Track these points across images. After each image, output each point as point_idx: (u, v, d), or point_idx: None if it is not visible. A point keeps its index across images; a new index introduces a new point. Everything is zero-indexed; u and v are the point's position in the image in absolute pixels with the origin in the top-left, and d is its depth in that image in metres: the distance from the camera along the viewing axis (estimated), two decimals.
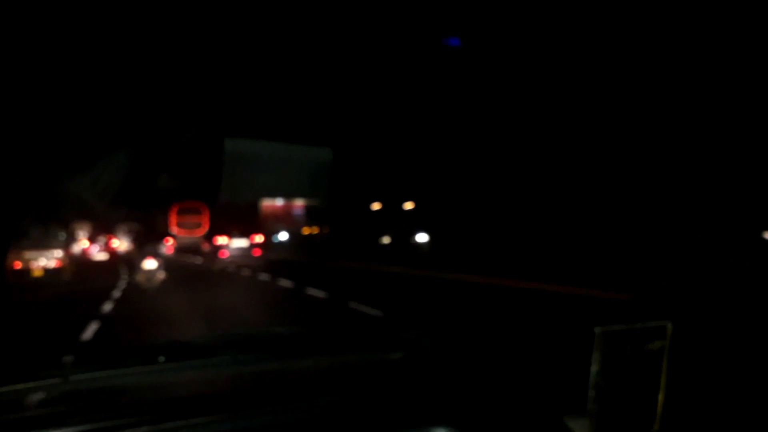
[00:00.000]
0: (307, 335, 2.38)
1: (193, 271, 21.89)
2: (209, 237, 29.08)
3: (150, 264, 15.75)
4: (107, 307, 11.03)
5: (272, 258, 27.43)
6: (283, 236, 43.95)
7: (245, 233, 25.78)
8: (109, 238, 41.76)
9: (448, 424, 1.43)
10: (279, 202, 46.73)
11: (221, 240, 25.81)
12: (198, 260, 28.47)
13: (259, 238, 25.54)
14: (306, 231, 45.74)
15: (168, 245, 34.30)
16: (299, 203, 47.80)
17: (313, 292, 13.36)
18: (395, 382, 1.72)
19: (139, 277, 15.73)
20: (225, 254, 24.73)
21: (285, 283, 16.23)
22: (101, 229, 43.19)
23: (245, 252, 25.12)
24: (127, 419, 1.39)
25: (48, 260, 19.96)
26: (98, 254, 35.40)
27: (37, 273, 19.45)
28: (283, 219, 45.99)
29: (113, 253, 36.98)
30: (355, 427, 1.44)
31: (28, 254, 19.74)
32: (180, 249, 33.91)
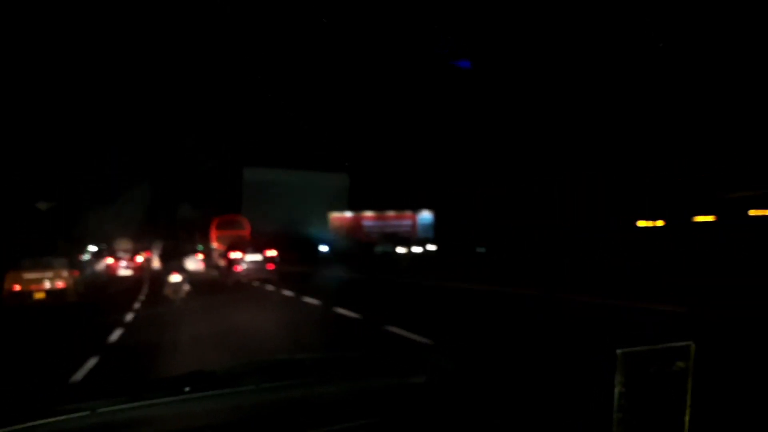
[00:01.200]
0: (329, 361, 2.38)
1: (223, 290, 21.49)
2: (225, 253, 29.18)
3: (175, 278, 17.52)
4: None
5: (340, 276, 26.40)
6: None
7: (260, 249, 26.36)
8: (135, 255, 41.58)
9: None
10: (347, 214, 44.22)
11: (234, 254, 26.18)
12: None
13: (271, 253, 26.04)
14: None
15: (198, 260, 32.65)
16: (369, 214, 45.50)
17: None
18: (417, 406, 1.71)
19: (166, 290, 17.15)
20: (239, 268, 25.08)
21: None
22: (140, 248, 43.12)
23: (259, 266, 25.09)
24: None
25: (52, 281, 17.72)
26: (123, 270, 35.08)
27: (39, 296, 17.41)
28: (354, 231, 43.91)
29: (139, 269, 36.81)
30: None
31: (28, 275, 17.57)
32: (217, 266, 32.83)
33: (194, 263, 31.42)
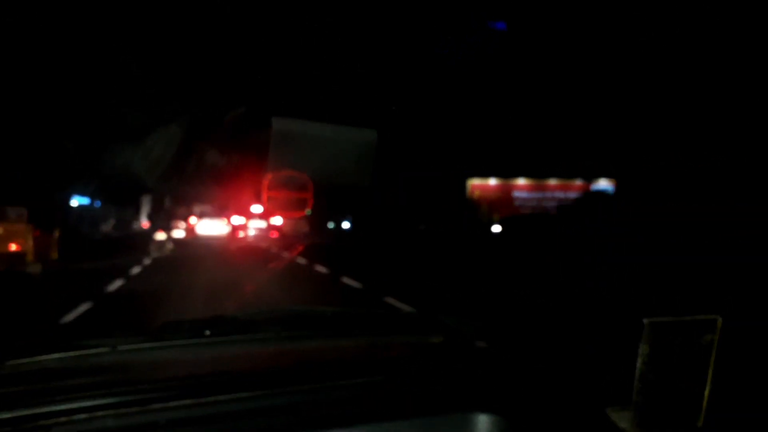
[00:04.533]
0: (348, 315, 2.40)
1: None
2: (228, 216, 26.63)
3: (161, 236, 18.79)
4: None
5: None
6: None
7: (265, 216, 24.07)
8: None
9: (490, 410, 1.42)
10: (492, 182, 34.92)
11: (237, 220, 24.29)
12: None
13: (276, 220, 23.99)
14: None
15: (222, 223, 26.28)
16: (523, 182, 34.98)
17: None
18: (436, 365, 1.72)
19: (151, 247, 18.16)
20: (241, 234, 23.40)
21: None
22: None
23: (263, 233, 23.66)
24: (171, 391, 1.42)
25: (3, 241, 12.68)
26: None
27: None
28: (500, 202, 34.43)
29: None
30: (394, 407, 1.44)
31: None
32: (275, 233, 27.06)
33: (217, 226, 27.36)
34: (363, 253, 21.24)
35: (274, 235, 23.63)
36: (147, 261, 15.56)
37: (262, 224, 24.13)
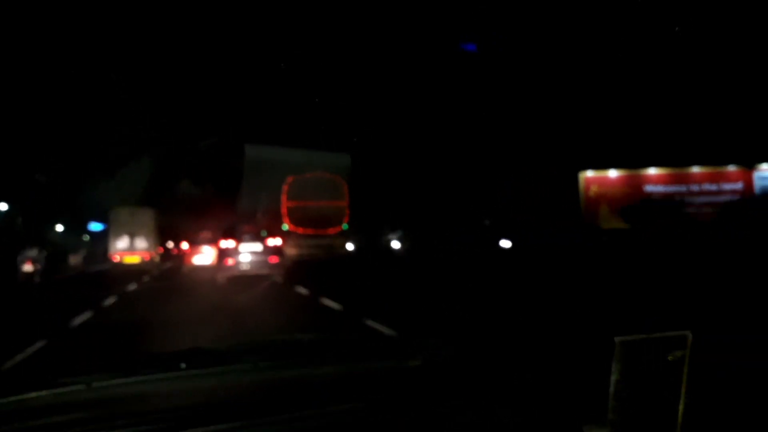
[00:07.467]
0: (326, 342, 2.40)
1: None
2: (214, 241, 20.80)
3: (28, 267, 19.50)
4: None
5: None
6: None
7: (260, 236, 19.12)
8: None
9: None
10: (612, 174, 27.67)
11: (225, 243, 19.00)
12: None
13: (274, 241, 19.08)
14: None
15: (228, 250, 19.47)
16: (655, 173, 27.17)
17: None
18: (414, 389, 1.72)
19: (19, 276, 19.44)
20: (230, 262, 18.19)
21: None
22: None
23: (260, 259, 18.54)
24: (148, 426, 1.41)
25: None
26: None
27: None
28: (628, 200, 26.75)
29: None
30: None
31: None
32: (299, 255, 20.68)
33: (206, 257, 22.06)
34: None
35: (274, 260, 18.60)
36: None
37: (257, 247, 18.65)
